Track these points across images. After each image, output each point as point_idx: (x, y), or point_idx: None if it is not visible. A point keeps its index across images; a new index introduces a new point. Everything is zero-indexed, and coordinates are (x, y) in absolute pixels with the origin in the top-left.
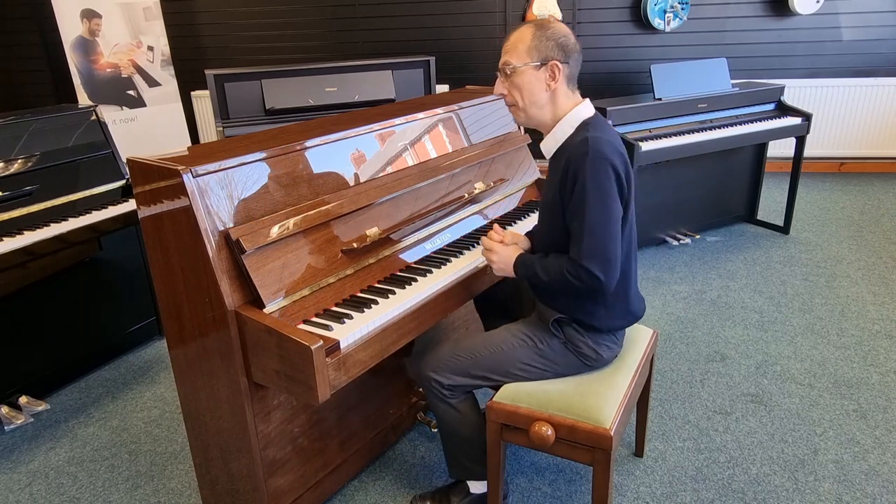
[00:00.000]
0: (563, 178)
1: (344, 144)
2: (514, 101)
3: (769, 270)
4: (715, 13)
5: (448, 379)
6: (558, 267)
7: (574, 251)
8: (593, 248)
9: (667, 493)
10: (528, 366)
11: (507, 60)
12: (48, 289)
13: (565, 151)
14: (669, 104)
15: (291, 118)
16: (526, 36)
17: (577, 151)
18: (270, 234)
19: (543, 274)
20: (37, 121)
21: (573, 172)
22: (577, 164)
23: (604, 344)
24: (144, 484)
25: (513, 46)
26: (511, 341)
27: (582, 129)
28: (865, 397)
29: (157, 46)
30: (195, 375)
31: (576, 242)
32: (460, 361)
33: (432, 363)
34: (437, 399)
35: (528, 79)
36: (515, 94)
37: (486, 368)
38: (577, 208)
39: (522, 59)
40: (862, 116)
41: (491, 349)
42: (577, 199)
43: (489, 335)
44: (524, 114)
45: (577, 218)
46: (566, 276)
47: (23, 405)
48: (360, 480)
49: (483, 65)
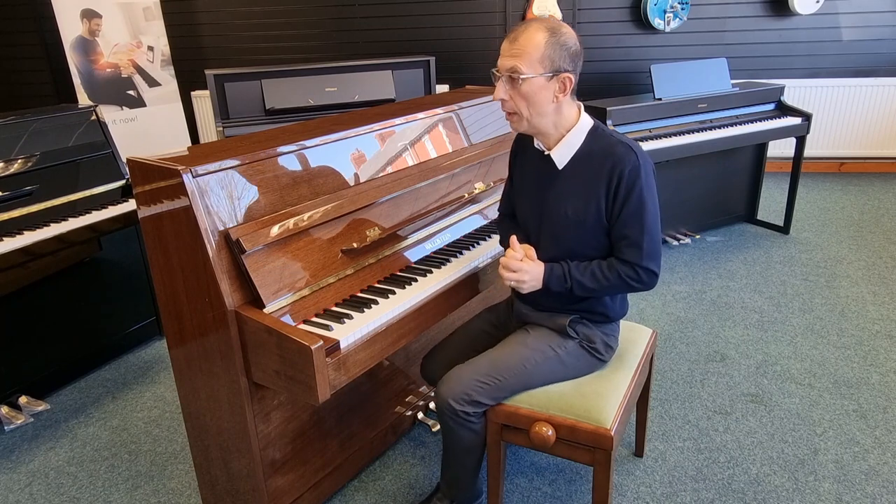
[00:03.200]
0: (609, 187)
1: (344, 144)
2: (516, 110)
3: (769, 270)
4: (715, 13)
5: (469, 405)
6: (613, 273)
7: (632, 254)
8: (652, 249)
9: (667, 493)
10: (550, 376)
11: (515, 67)
12: (48, 289)
13: (595, 160)
14: (669, 104)
15: (291, 118)
16: (539, 41)
17: (625, 160)
18: (270, 234)
19: (591, 282)
20: (37, 121)
21: (628, 181)
22: (631, 173)
23: (612, 335)
24: (144, 484)
25: (523, 51)
26: (532, 357)
27: (598, 136)
28: (865, 397)
29: (157, 46)
30: (195, 375)
31: (633, 246)
32: (482, 388)
33: (454, 390)
34: (457, 425)
35: (536, 89)
36: (520, 103)
37: (510, 389)
38: (635, 213)
39: (534, 69)
40: (862, 116)
41: (514, 371)
42: (633, 205)
43: (507, 355)
44: (526, 123)
45: (634, 223)
46: (625, 281)
47: (23, 405)
48: (360, 480)
49: (483, 65)
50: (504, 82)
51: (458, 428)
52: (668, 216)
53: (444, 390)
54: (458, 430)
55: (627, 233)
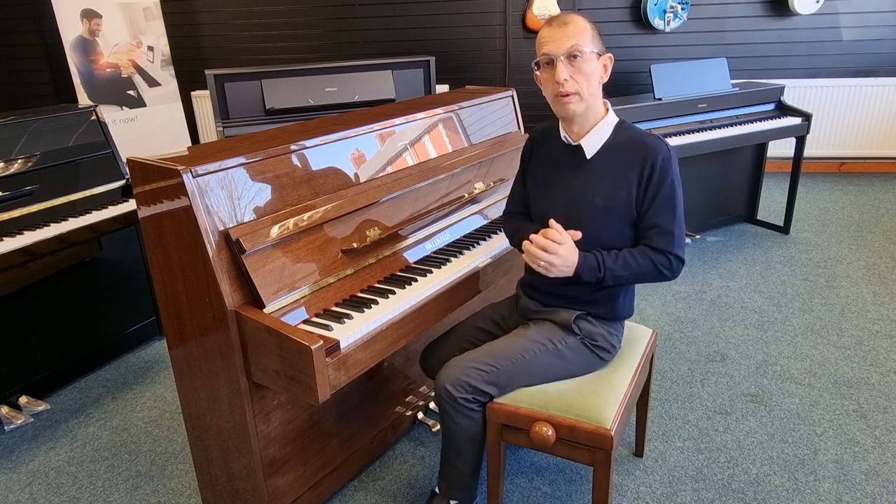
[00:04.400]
0: (641, 177)
1: (344, 144)
2: (578, 90)
3: (769, 270)
4: (715, 13)
5: (467, 392)
6: (646, 260)
7: (664, 242)
8: (680, 237)
9: (667, 493)
10: (548, 370)
11: (577, 45)
12: (48, 289)
13: (626, 151)
14: (669, 104)
15: (291, 118)
16: (587, 24)
17: (658, 150)
18: (270, 234)
19: (623, 270)
20: (37, 121)
21: (661, 171)
22: (664, 162)
23: (615, 334)
24: (144, 484)
25: (579, 31)
26: (531, 348)
27: (625, 130)
28: (865, 397)
29: (157, 46)
30: (195, 375)
31: (665, 234)
32: (480, 374)
33: (452, 376)
34: (456, 412)
35: (593, 67)
36: (581, 81)
37: (506, 379)
38: (668, 202)
39: (591, 46)
40: (862, 116)
41: (512, 360)
42: (665, 194)
43: (506, 345)
44: (584, 104)
45: (665, 212)
46: (657, 269)
47: (23, 405)
48: (360, 480)
49: (483, 65)
50: (563, 63)
51: (457, 416)
52: None
53: (442, 377)
54: (456, 419)
55: (660, 221)
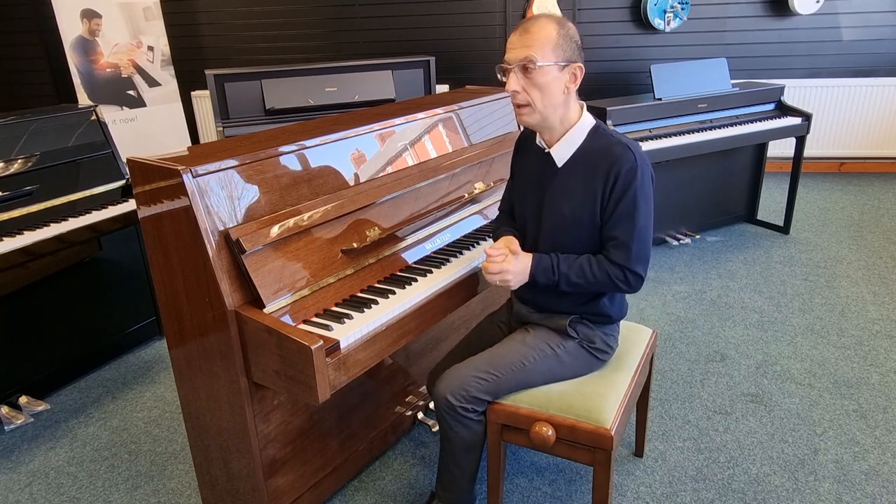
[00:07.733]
0: (605, 187)
1: (344, 144)
2: (529, 102)
3: (769, 270)
4: (715, 13)
5: (466, 401)
6: (601, 271)
7: (620, 256)
8: (641, 252)
9: (667, 493)
10: (548, 375)
11: (529, 56)
12: (48, 289)
13: (594, 159)
14: (669, 104)
15: (291, 118)
16: (551, 32)
17: (623, 160)
18: (270, 234)
19: (578, 278)
20: (37, 121)
21: (623, 181)
22: (628, 173)
23: (611, 335)
24: (144, 484)
25: (536, 41)
26: (531, 355)
27: (598, 136)
28: (865, 397)
29: (157, 46)
30: (195, 375)
31: (622, 247)
32: (480, 384)
33: (452, 385)
34: (455, 422)
35: (550, 79)
36: (534, 93)
37: (507, 387)
38: (626, 215)
39: (548, 57)
40: (862, 116)
41: (512, 367)
42: (626, 206)
43: (505, 351)
44: (538, 116)
45: (624, 224)
46: (612, 281)
47: (23, 405)
48: (360, 480)
49: (483, 65)
50: (517, 74)
51: (457, 425)
52: (668, 216)
53: (441, 386)
54: (456, 428)
55: (617, 234)
